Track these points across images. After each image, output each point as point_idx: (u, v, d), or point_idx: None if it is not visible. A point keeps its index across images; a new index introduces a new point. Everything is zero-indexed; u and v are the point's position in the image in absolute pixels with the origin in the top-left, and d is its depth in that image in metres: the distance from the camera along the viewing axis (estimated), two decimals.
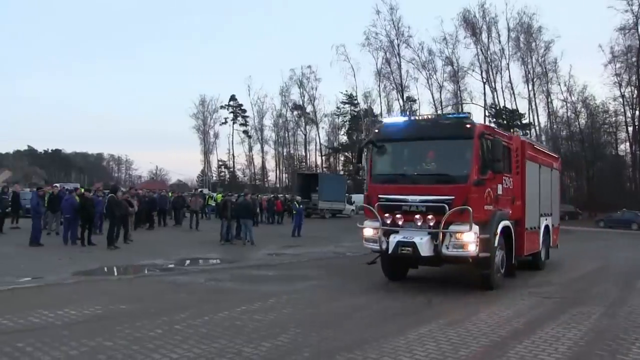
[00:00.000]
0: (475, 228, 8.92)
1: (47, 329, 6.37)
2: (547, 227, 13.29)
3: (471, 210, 8.84)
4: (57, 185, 26.94)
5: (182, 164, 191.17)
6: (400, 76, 62.75)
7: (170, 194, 30.06)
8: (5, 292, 8.72)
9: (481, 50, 59.65)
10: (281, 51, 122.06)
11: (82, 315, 7.11)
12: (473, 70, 60.29)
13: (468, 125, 9.42)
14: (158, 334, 6.21)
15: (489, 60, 59.49)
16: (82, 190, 20.33)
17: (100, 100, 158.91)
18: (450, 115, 10.91)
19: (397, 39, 62.06)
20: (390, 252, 9.38)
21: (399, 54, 62.70)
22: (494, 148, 9.33)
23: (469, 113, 10.47)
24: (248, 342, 5.93)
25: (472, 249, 8.94)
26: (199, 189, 42.73)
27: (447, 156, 9.74)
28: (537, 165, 12.54)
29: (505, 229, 9.98)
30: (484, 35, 59.36)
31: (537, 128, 59.17)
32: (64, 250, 14.61)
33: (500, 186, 9.99)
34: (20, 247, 14.72)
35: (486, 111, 57.57)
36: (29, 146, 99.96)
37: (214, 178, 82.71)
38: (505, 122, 54.95)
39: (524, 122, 58.13)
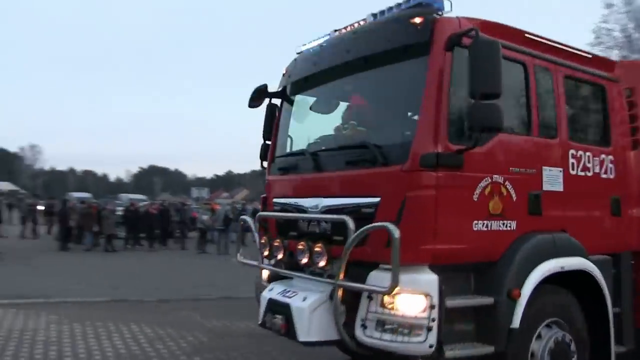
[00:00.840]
0: (423, 280, 3.60)
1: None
2: None
3: (397, 234, 3.51)
4: None
5: None
6: None
7: None
8: (243, 299, 9.67)
9: None
10: None
11: None
12: None
13: (417, 21, 3.86)
14: None
15: None
16: None
17: None
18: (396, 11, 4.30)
19: (637, 32, 53.80)
20: (260, 321, 4.65)
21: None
22: (491, 69, 3.54)
23: None
24: None
25: (418, 338, 3.51)
26: None
27: (378, 102, 4.68)
28: None
29: (571, 277, 4.20)
30: None
31: None
32: None
33: (556, 173, 4.34)
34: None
35: None
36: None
37: None
38: None
39: None
